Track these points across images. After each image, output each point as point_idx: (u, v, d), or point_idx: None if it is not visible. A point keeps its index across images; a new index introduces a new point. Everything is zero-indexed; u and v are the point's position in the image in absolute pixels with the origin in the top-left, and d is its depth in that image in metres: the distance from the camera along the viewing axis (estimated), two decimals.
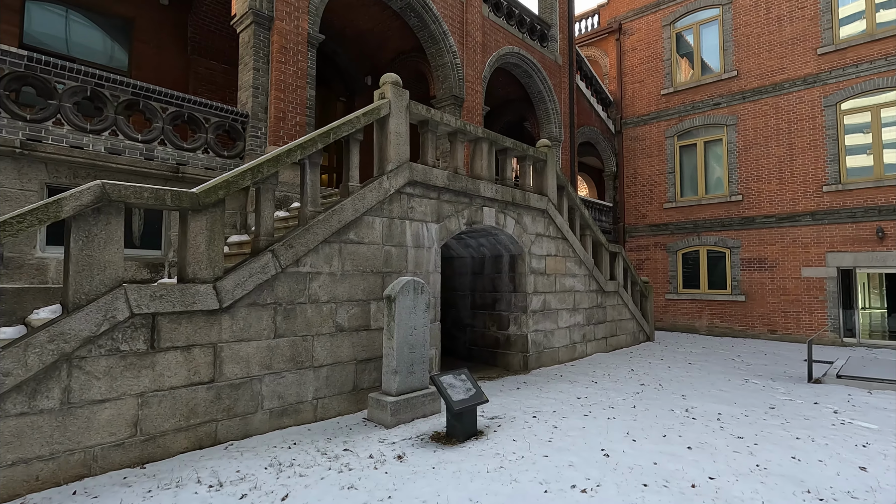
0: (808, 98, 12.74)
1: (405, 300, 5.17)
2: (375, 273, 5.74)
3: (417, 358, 5.27)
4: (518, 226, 8.03)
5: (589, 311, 9.73)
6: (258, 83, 7.23)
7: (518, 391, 6.59)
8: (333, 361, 5.25)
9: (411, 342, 5.22)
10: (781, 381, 7.69)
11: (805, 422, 5.37)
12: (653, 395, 6.47)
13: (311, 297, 5.08)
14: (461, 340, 9.18)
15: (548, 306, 8.59)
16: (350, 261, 5.48)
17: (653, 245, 15.50)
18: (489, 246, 8.50)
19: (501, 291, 8.53)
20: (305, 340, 5.01)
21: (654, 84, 15.84)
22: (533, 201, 8.30)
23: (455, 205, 6.87)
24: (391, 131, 5.99)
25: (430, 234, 6.46)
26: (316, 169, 5.30)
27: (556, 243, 8.91)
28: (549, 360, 8.51)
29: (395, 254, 5.99)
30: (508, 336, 8.35)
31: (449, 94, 10.40)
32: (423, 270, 6.33)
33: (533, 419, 5.26)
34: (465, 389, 4.77)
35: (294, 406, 4.88)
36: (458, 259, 9.35)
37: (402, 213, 6.09)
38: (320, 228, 5.14)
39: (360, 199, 5.55)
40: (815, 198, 12.52)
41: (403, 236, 6.10)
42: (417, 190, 6.32)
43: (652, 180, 15.72)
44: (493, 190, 7.42)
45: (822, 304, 12.25)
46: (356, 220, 5.55)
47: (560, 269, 8.97)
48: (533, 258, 8.32)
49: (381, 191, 5.80)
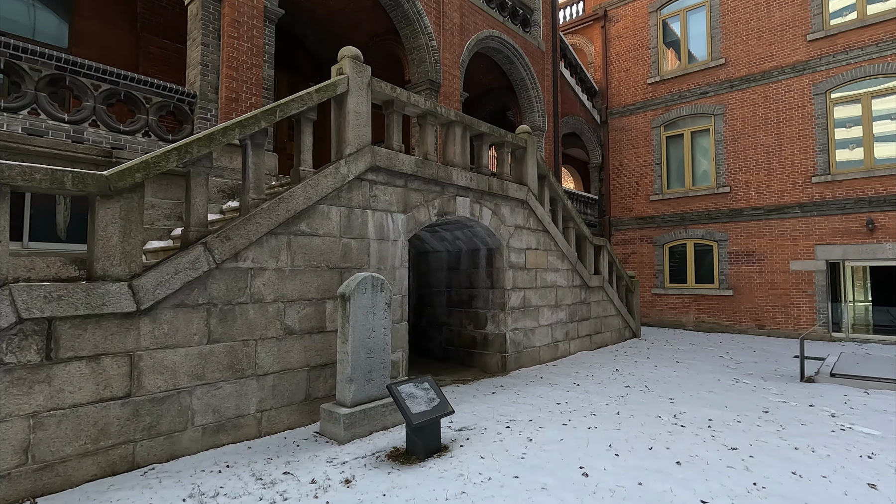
0: (798, 86, 12.36)
1: (361, 299, 4.59)
2: (332, 269, 5.14)
3: (377, 363, 4.70)
4: (495, 217, 7.48)
5: (572, 308, 9.24)
6: (207, 60, 6.56)
7: (493, 396, 6.06)
8: (281, 368, 4.65)
9: (369, 346, 4.65)
10: (773, 380, 7.27)
11: (802, 428, 4.92)
12: (638, 399, 5.98)
13: (253, 297, 4.47)
14: (437, 340, 8.63)
15: (528, 303, 8.07)
16: (301, 255, 4.88)
17: (639, 238, 15.08)
18: (465, 239, 7.94)
19: (478, 288, 7.99)
20: (247, 345, 4.41)
21: (641, 73, 15.37)
22: (511, 191, 7.75)
23: (425, 194, 6.29)
24: (350, 111, 5.38)
25: (396, 226, 5.88)
26: (260, 151, 4.68)
27: (536, 236, 8.38)
28: (529, 361, 8.00)
29: (356, 247, 5.40)
30: (486, 335, 7.82)
31: (424, 79, 9.79)
32: (388, 265, 5.75)
33: (506, 430, 4.73)
34: (428, 399, 4.21)
35: (233, 421, 4.28)
36: (434, 253, 8.78)
37: (363, 202, 5.50)
38: (264, 218, 4.53)
39: (312, 186, 4.94)
40: (803, 189, 12.16)
41: (365, 228, 5.51)
42: (381, 177, 5.73)
43: (638, 172, 15.28)
44: (467, 178, 6.85)
45: (811, 298, 11.92)
46: (308, 209, 4.95)
47: (541, 264, 8.45)
48: (511, 252, 7.78)
49: (339, 177, 5.20)
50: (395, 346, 5.78)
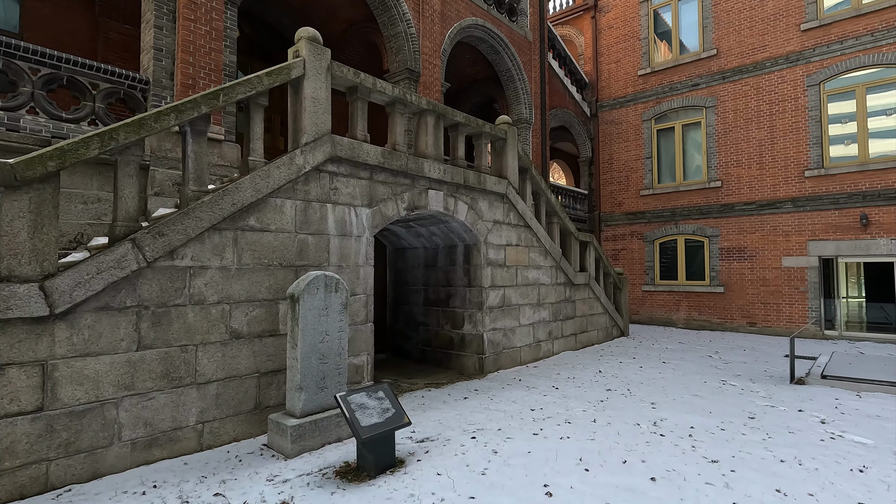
0: (791, 77, 12.02)
1: (313, 299, 4.22)
2: (286, 267, 4.77)
3: (331, 369, 4.34)
4: (472, 212, 7.11)
5: (556, 306, 8.90)
6: (161, 44, 6.14)
7: (465, 402, 5.71)
8: (227, 376, 4.28)
9: (322, 350, 4.28)
10: (762, 381, 6.95)
11: (790, 437, 4.59)
12: (618, 405, 5.64)
13: (193, 298, 4.10)
14: (414, 340, 8.27)
15: (508, 302, 7.72)
16: (251, 252, 4.50)
17: (629, 234, 14.75)
18: (441, 235, 7.57)
19: (455, 286, 7.63)
20: (185, 351, 4.03)
21: (631, 64, 15.00)
22: (490, 184, 7.38)
23: (393, 186, 5.91)
24: (307, 97, 4.99)
25: (360, 221, 5.50)
26: (201, 139, 4.28)
27: (517, 232, 8.02)
28: (508, 362, 7.66)
29: (314, 244, 5.02)
30: (463, 335, 7.47)
31: (403, 68, 9.38)
32: (351, 263, 5.38)
33: (471, 441, 4.38)
34: (381, 410, 3.85)
35: (168, 434, 3.91)
36: (410, 250, 8.41)
37: (322, 195, 5.12)
38: (205, 213, 4.15)
39: (262, 178, 4.56)
40: (796, 183, 11.84)
41: (324, 223, 5.13)
42: (343, 168, 5.35)
43: (628, 166, 14.94)
44: (440, 170, 6.47)
45: (804, 294, 11.63)
46: (258, 202, 4.56)
47: (522, 261, 8.09)
48: (490, 248, 7.42)
49: (293, 168, 4.81)
50: (359, 349, 5.42)
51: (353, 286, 5.38)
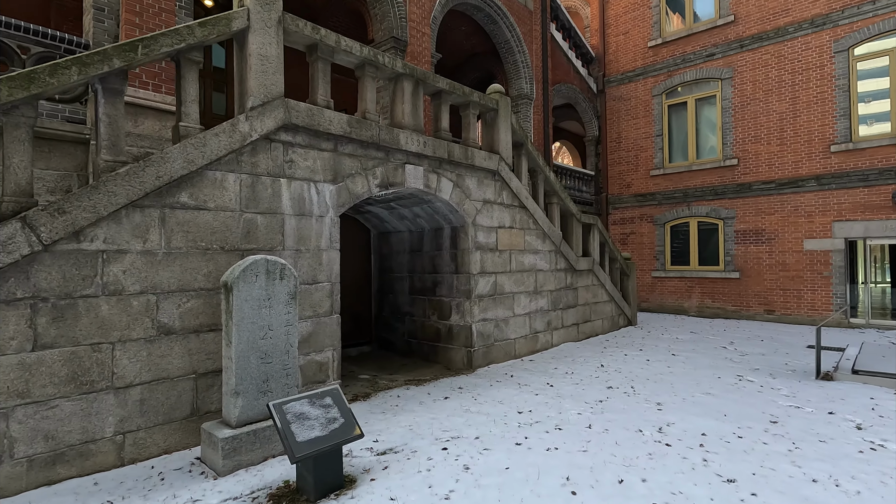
0: (816, 43, 11.00)
1: (250, 288, 3.57)
2: (229, 251, 4.12)
3: (276, 370, 3.70)
4: (458, 190, 6.39)
5: (555, 294, 8.18)
6: (103, 3, 5.47)
7: (444, 403, 5.06)
8: (154, 378, 3.67)
9: (264, 348, 3.64)
10: (783, 376, 6.21)
11: (821, 448, 3.87)
12: (619, 405, 4.95)
13: (108, 288, 3.47)
14: (399, 332, 7.63)
15: (501, 289, 7.03)
16: (183, 234, 3.85)
17: (638, 217, 13.91)
18: (426, 217, 6.88)
19: (442, 273, 6.95)
20: (98, 350, 3.42)
21: (641, 35, 14.01)
22: (479, 159, 6.65)
23: (362, 160, 5.22)
24: (252, 53, 4.29)
25: (323, 199, 4.83)
26: (116, 100, 3.62)
27: (511, 212, 7.29)
28: (501, 355, 6.99)
29: (264, 224, 4.36)
30: (450, 327, 6.80)
31: (388, 37, 8.62)
32: (311, 247, 4.72)
33: (441, 453, 3.73)
34: (326, 421, 3.21)
35: (78, 448, 3.31)
36: (395, 234, 7.74)
37: (274, 168, 4.45)
38: (121, 187, 3.50)
39: (196, 147, 3.89)
40: (821, 159, 10.90)
41: (277, 200, 4.46)
42: (300, 138, 4.66)
43: (638, 145, 14.03)
44: (419, 142, 5.76)
45: (827, 280, 10.75)
46: (192, 176, 3.90)
47: (517, 245, 7.37)
48: (479, 231, 6.71)
49: (236, 136, 4.14)
50: (323, 343, 4.79)
51: (314, 273, 4.73)
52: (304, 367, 4.62)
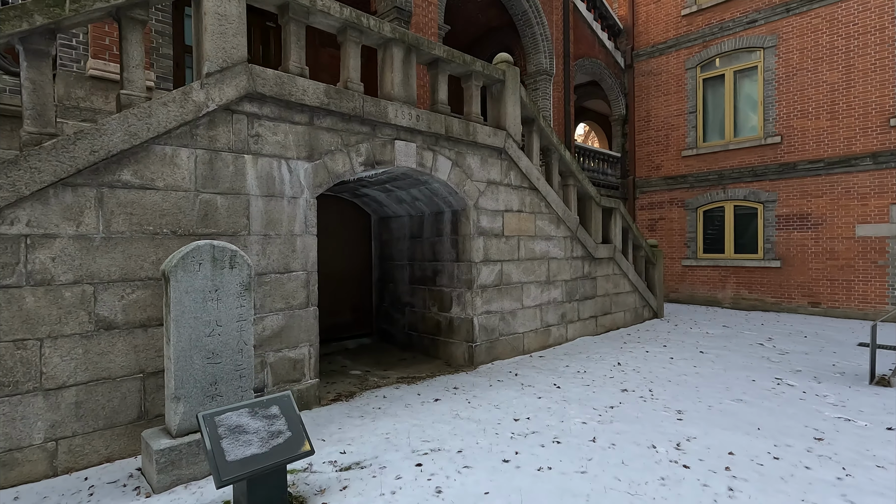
0: (876, 3, 9.75)
1: (192, 278, 3.10)
2: (182, 236, 3.67)
3: (226, 372, 3.24)
4: (457, 169, 5.79)
5: (571, 284, 7.51)
6: None
7: (434, 406, 4.54)
8: (92, 378, 3.27)
9: (211, 347, 3.18)
10: (830, 381, 5.41)
11: (879, 476, 3.16)
12: (632, 413, 4.32)
13: (33, 277, 3.07)
14: (400, 324, 7.14)
15: (507, 279, 6.42)
16: (126, 217, 3.42)
17: (668, 202, 12.94)
18: (425, 199, 6.32)
19: (442, 261, 6.39)
20: (22, 347, 3.03)
21: (673, 3, 12.88)
22: (482, 136, 6.01)
23: (343, 135, 4.68)
24: (209, 11, 3.79)
25: (296, 178, 4.32)
26: (41, 63, 3.18)
27: (520, 195, 6.64)
28: (507, 351, 6.41)
29: (225, 206, 3.89)
30: (451, 319, 6.26)
31: (391, 6, 8.00)
32: (283, 231, 4.23)
33: (414, 470, 3.21)
34: (268, 435, 2.73)
35: (0, 458, 2.94)
36: (395, 219, 7.21)
37: (236, 143, 3.96)
38: (46, 162, 3.07)
39: (140, 118, 3.43)
40: (878, 135, 9.72)
41: (241, 179, 3.98)
42: (269, 109, 4.15)
43: (668, 123, 13.01)
44: (411, 116, 5.18)
45: (882, 270, 9.64)
46: (136, 150, 3.45)
47: (527, 230, 6.73)
48: (482, 215, 6.10)
49: (190, 106, 3.66)
50: (298, 339, 4.33)
51: (286, 261, 4.25)
52: (274, 364, 4.17)
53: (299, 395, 4.33)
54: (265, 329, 4.11)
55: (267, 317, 4.13)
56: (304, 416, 4.16)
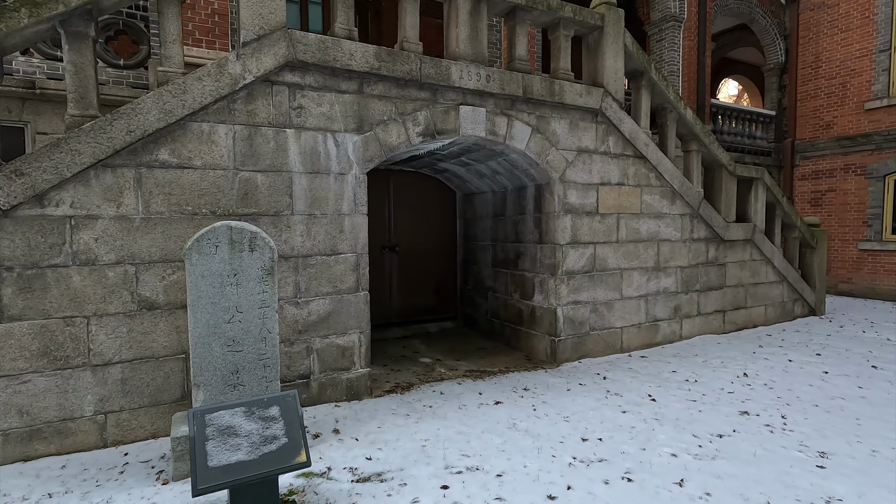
0: None
1: (208, 262, 2.93)
2: (222, 216, 3.57)
3: (248, 360, 3.06)
4: (539, 137, 4.98)
5: (689, 272, 6.23)
6: None
7: (493, 410, 3.96)
8: (136, 356, 3.34)
9: (231, 335, 3.01)
10: None
11: None
12: (748, 448, 3.26)
13: (78, 257, 3.17)
14: (483, 309, 6.61)
15: (602, 264, 5.48)
16: (164, 197, 3.39)
17: (841, 169, 10.27)
18: (505, 173, 5.62)
19: (525, 242, 5.66)
20: (72, 325, 3.16)
21: None
22: (570, 96, 5.09)
23: (398, 103, 4.21)
24: None
25: (343, 152, 3.99)
26: (82, 46, 3.21)
27: (620, 165, 5.57)
28: (600, 348, 5.51)
29: (266, 184, 3.71)
30: (533, 308, 5.55)
31: None
32: (329, 211, 3.95)
33: (437, 493, 2.71)
34: (261, 440, 2.44)
35: (56, 426, 3.13)
36: (479, 196, 6.62)
37: (276, 116, 3.73)
38: (85, 144, 3.11)
39: (175, 95, 3.34)
40: None
41: (282, 155, 3.76)
42: (312, 78, 3.85)
43: (846, 68, 10.21)
44: (479, 76, 4.51)
45: None
46: (172, 129, 3.38)
47: (629, 206, 5.66)
48: (571, 189, 5.22)
49: (226, 79, 3.49)
50: (346, 325, 4.06)
51: (333, 242, 3.98)
52: (321, 351, 3.96)
53: (349, 385, 4.09)
54: (310, 314, 3.91)
55: (312, 301, 3.91)
56: (350, 408, 3.90)
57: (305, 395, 3.92)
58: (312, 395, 3.95)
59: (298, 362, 3.88)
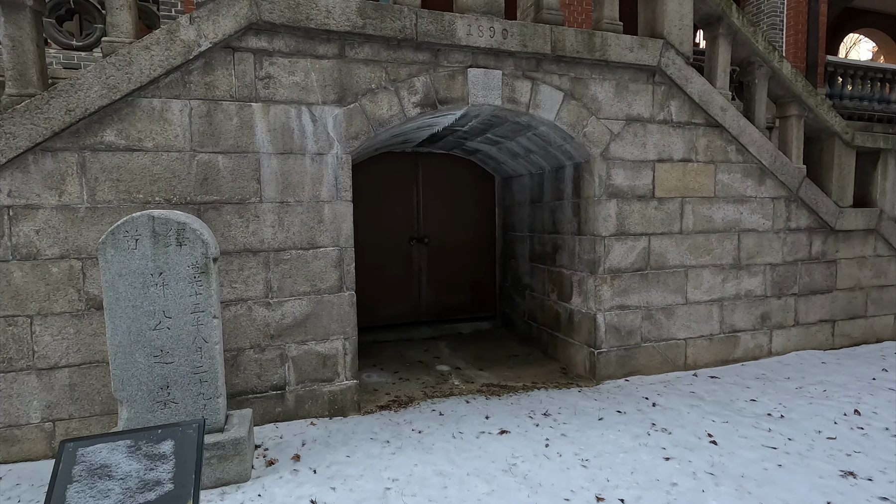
0: None
1: (127, 259, 2.49)
2: (178, 204, 3.15)
3: (180, 374, 2.61)
4: (573, 104, 4.04)
5: (783, 270, 4.92)
6: None
7: (494, 442, 3.19)
8: (84, 360, 3.03)
9: (158, 343, 2.57)
10: None
11: None
12: None
13: (19, 250, 2.89)
14: (520, 310, 5.78)
15: (659, 261, 4.42)
16: (112, 183, 3.02)
17: None
18: (539, 151, 4.73)
19: (563, 233, 4.75)
20: (14, 324, 2.91)
21: None
22: (616, 51, 4.07)
23: (389, 67, 3.54)
24: None
25: (322, 129, 3.41)
26: (19, 18, 2.90)
27: (686, 136, 4.44)
28: (656, 363, 4.47)
29: (228, 168, 3.23)
30: (571, 313, 4.64)
31: None
32: (305, 197, 3.40)
33: None
34: (139, 485, 1.94)
35: (1, 433, 2.91)
36: (516, 179, 5.76)
37: (240, 89, 3.23)
38: (21, 126, 2.81)
39: (119, 67, 2.95)
40: None
41: (248, 134, 3.26)
42: (282, 43, 3.29)
43: None
44: (493, 31, 3.69)
45: None
46: (118, 106, 3.00)
47: (698, 188, 4.51)
48: (616, 168, 4.22)
49: (178, 47, 3.04)
50: (328, 330, 3.51)
51: (310, 234, 3.43)
52: (297, 360, 3.45)
53: (331, 399, 3.55)
54: (284, 316, 3.40)
55: (287, 302, 3.40)
56: (326, 428, 3.35)
57: (280, 409, 3.43)
58: (288, 408, 3.45)
59: (271, 371, 3.39)
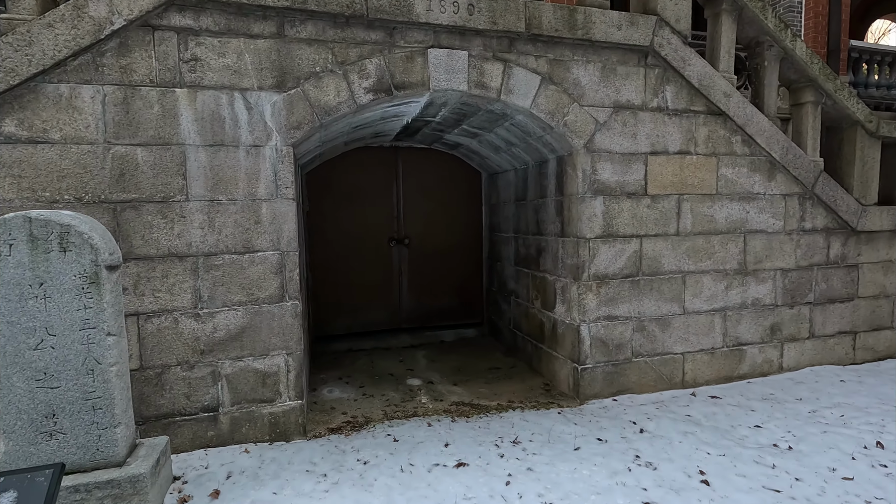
0: None
1: (3, 267, 2.14)
2: (90, 203, 2.79)
3: (69, 400, 2.25)
4: (552, 89, 3.58)
5: (797, 276, 4.38)
6: None
7: (447, 477, 2.76)
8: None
9: (39, 365, 2.21)
10: None
11: None
12: None
13: None
14: (506, 317, 5.34)
15: (652, 266, 3.94)
16: (13, 179, 2.68)
17: None
18: (520, 143, 4.28)
19: (546, 234, 4.30)
20: None
21: None
22: (601, 29, 3.60)
23: (336, 48, 3.13)
24: None
25: (258, 118, 3.02)
26: None
27: (684, 125, 3.94)
28: (649, 381, 3.99)
29: (148, 162, 2.86)
30: (555, 323, 4.18)
31: None
32: (240, 195, 3.01)
33: None
34: None
35: None
36: (502, 175, 5.32)
37: (162, 73, 2.85)
38: None
39: (18, 48, 2.60)
40: None
41: (173, 124, 2.88)
42: (210, 20, 2.91)
43: None
44: (456, 7, 3.25)
45: None
46: (20, 91, 2.65)
47: (698, 184, 4.02)
48: (602, 161, 3.75)
49: (86, 25, 2.68)
50: (269, 345, 3.13)
51: (246, 236, 3.04)
52: (232, 378, 3.07)
53: (272, 422, 3.16)
54: (217, 329, 3.02)
55: (219, 313, 3.02)
56: (260, 457, 2.96)
57: (213, 433, 3.06)
58: (222, 432, 3.08)
59: (201, 391, 3.02)
